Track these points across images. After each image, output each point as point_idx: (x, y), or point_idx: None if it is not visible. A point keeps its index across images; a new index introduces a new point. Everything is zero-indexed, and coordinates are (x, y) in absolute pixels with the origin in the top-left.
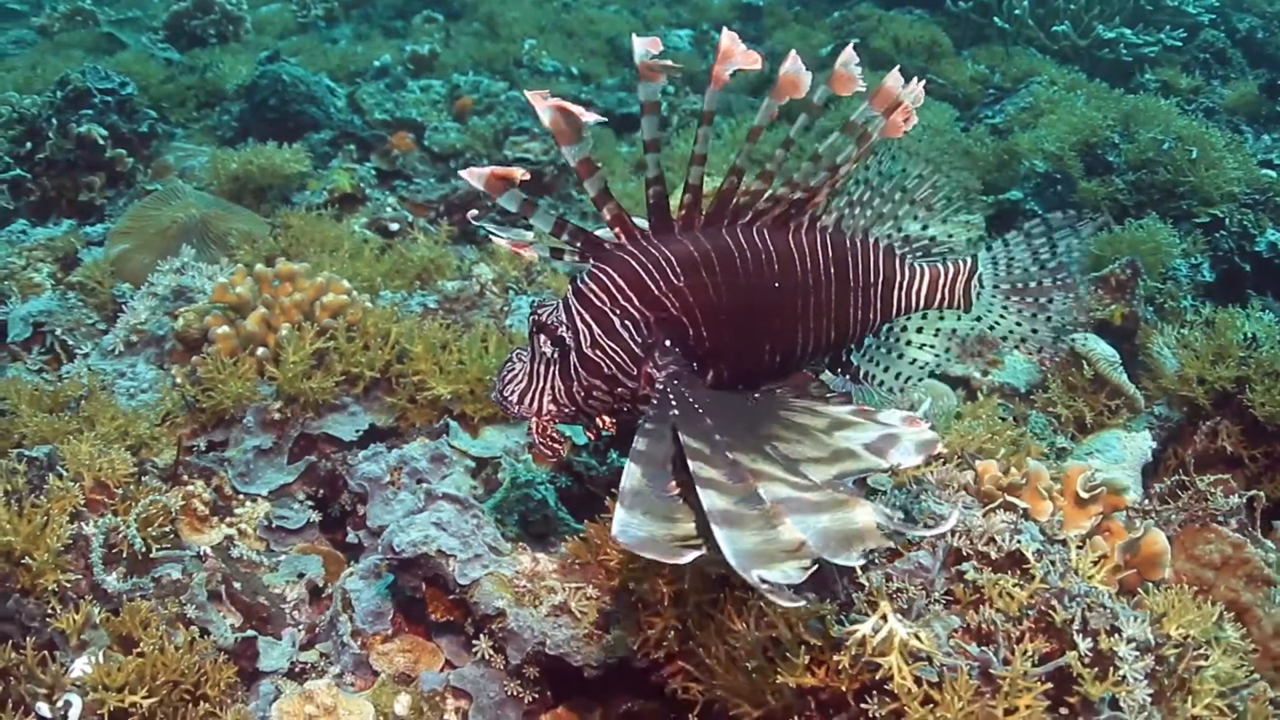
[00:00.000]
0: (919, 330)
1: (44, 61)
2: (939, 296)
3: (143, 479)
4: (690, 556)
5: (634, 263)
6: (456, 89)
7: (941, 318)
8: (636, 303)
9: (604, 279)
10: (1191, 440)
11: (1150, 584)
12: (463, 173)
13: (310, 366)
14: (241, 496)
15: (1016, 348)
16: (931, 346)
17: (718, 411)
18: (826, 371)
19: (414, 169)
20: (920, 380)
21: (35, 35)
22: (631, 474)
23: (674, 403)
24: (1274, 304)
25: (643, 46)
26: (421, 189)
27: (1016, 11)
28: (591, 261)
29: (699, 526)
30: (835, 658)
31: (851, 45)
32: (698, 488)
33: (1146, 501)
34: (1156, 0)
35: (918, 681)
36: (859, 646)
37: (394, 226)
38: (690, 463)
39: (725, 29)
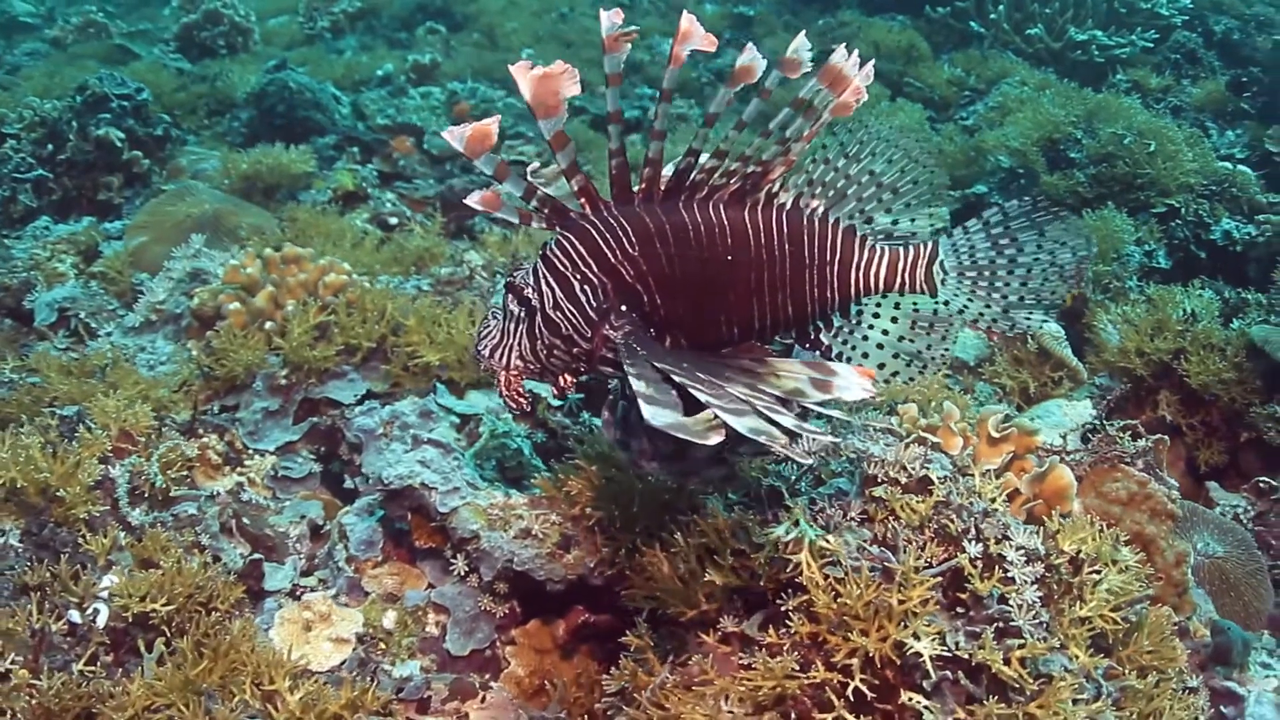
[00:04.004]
0: (893, 320)
1: (60, 71)
2: (899, 280)
3: (163, 430)
4: (716, 438)
5: (594, 231)
6: (455, 95)
7: (916, 306)
8: (595, 269)
9: (567, 245)
10: (1112, 409)
11: (1056, 513)
12: (443, 133)
13: (313, 338)
14: (251, 451)
15: (987, 330)
16: (895, 330)
17: (675, 357)
18: (796, 346)
19: (414, 170)
20: (904, 378)
21: (49, 47)
22: (638, 383)
23: (638, 349)
24: (1222, 287)
25: (609, 20)
26: (420, 188)
27: (993, 16)
28: (557, 229)
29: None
30: (754, 556)
31: (804, 33)
32: (688, 386)
33: (1059, 444)
34: (1130, 3)
35: (826, 578)
36: (774, 548)
37: (393, 221)
38: (674, 376)
39: (685, 11)
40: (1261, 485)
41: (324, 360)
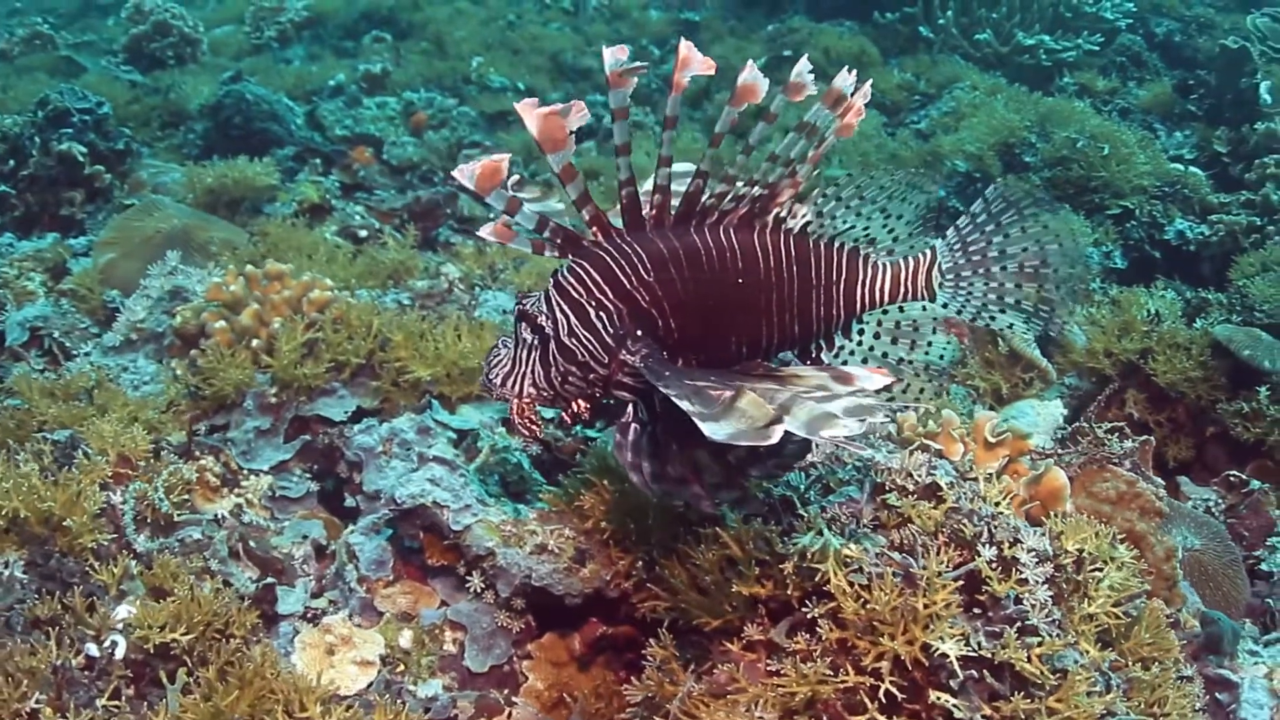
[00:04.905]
0: (891, 340)
1: (13, 85)
2: (902, 290)
3: (160, 454)
4: (778, 432)
5: (608, 258)
6: (411, 105)
7: (914, 317)
8: (610, 295)
9: (581, 273)
10: (1103, 410)
11: (1053, 514)
12: (453, 172)
13: (301, 355)
14: (246, 471)
15: (988, 325)
16: (869, 342)
17: (700, 373)
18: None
19: (374, 181)
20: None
21: None
22: (682, 401)
23: (664, 370)
24: (1182, 288)
25: (612, 56)
26: (385, 199)
27: (941, 21)
28: (570, 257)
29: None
30: (781, 567)
31: (806, 57)
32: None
33: (1051, 447)
34: (1075, 7)
35: (851, 584)
36: (801, 557)
37: (363, 233)
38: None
39: (683, 39)
40: (1232, 479)
41: (313, 378)
